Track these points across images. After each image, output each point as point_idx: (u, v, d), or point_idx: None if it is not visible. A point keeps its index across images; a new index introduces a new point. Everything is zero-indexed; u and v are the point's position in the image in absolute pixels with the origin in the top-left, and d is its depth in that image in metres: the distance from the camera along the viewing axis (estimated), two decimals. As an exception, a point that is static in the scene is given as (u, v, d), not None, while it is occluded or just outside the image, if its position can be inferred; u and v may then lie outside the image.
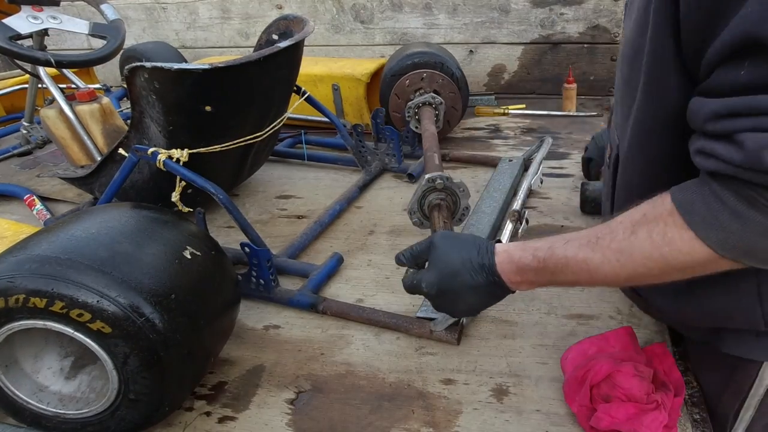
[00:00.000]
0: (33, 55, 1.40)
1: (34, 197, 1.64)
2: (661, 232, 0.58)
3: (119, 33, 1.53)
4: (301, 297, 1.13)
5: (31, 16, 1.48)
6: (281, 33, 1.59)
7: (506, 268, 0.73)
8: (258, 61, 1.19)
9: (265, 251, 1.12)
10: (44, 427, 0.86)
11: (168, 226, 0.92)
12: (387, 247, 1.35)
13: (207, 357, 0.89)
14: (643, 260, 0.61)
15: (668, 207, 0.58)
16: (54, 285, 0.74)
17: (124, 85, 1.84)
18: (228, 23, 2.70)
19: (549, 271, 0.69)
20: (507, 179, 1.50)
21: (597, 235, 0.65)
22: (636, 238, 0.60)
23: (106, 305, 0.74)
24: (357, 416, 0.88)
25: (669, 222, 0.58)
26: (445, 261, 0.77)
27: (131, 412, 0.81)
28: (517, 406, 0.87)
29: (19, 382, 0.86)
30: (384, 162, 1.75)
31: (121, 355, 0.77)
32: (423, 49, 1.90)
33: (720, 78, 0.53)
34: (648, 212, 0.61)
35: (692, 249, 0.57)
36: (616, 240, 0.62)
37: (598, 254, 0.63)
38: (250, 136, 1.34)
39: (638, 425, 0.74)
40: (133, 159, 1.23)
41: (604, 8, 2.18)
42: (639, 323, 1.00)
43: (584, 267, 0.65)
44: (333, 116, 1.70)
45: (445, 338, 1.00)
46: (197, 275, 0.87)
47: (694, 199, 0.57)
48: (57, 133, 1.70)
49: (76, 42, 3.02)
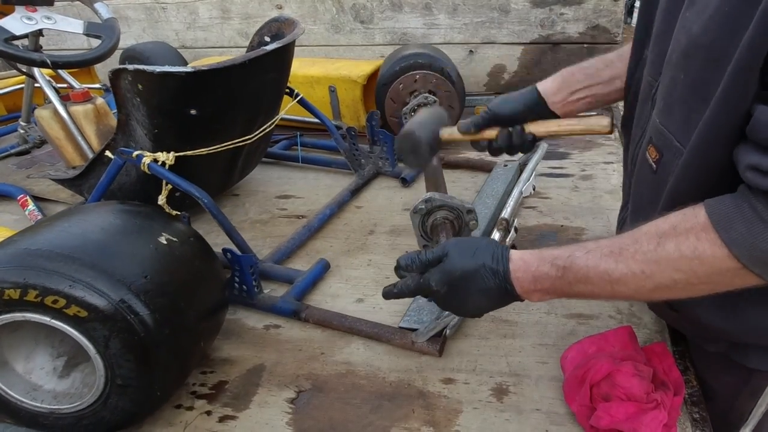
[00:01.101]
0: (29, 57, 1.39)
1: (27, 197, 1.64)
2: (691, 246, 0.58)
3: (114, 32, 1.52)
4: (284, 304, 1.12)
5: (26, 16, 1.47)
6: (273, 35, 1.58)
7: (521, 276, 0.71)
8: (243, 64, 1.18)
9: (248, 257, 1.10)
10: (41, 425, 0.86)
11: (142, 216, 0.95)
12: (387, 247, 1.35)
13: (193, 339, 0.89)
14: (670, 273, 0.60)
15: (702, 221, 0.58)
16: (25, 275, 0.75)
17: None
18: (228, 23, 2.70)
19: (567, 281, 0.67)
20: (501, 185, 1.49)
21: (620, 245, 0.63)
22: (663, 250, 0.60)
23: (79, 289, 0.76)
24: (357, 415, 0.88)
25: (702, 237, 0.57)
26: (458, 264, 0.74)
27: (122, 399, 0.82)
28: (517, 405, 0.87)
29: (11, 383, 0.86)
30: (378, 165, 1.74)
31: (101, 338, 0.78)
32: (414, 50, 1.89)
33: None
34: (678, 224, 0.60)
35: (723, 264, 0.57)
36: (641, 251, 0.61)
37: (622, 265, 0.62)
38: (238, 139, 1.33)
39: (638, 424, 0.74)
40: (119, 162, 1.22)
41: (604, 8, 2.18)
42: (639, 323, 1.00)
43: (606, 278, 0.64)
44: (325, 119, 1.70)
45: (427, 350, 0.98)
46: (175, 259, 0.89)
47: (732, 216, 0.56)
48: (51, 134, 1.70)
49: (76, 42, 3.01)
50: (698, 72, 0.60)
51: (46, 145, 2.08)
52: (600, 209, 1.41)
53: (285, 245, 1.33)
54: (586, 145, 1.82)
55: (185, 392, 0.96)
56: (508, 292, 0.72)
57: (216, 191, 1.56)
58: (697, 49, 0.59)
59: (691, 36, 0.60)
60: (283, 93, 1.54)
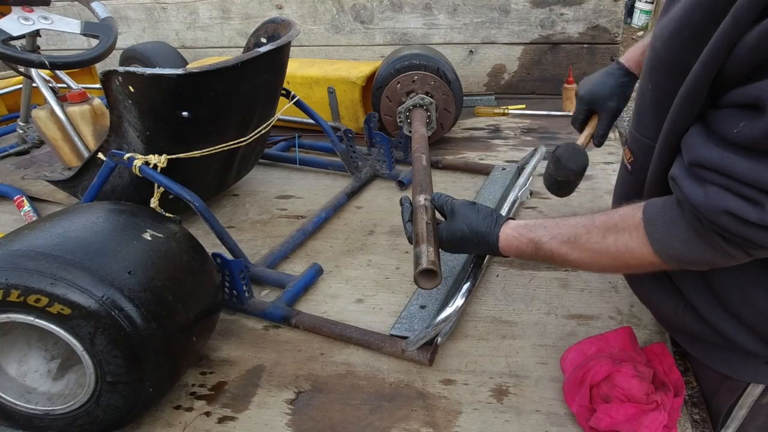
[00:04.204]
0: (27, 58, 1.39)
1: (24, 198, 1.64)
2: (625, 242, 0.70)
3: (111, 31, 1.51)
4: (275, 310, 1.11)
5: (22, 17, 1.46)
6: (269, 36, 1.57)
7: (505, 247, 0.86)
8: (236, 67, 1.17)
9: (238, 262, 1.09)
10: (37, 427, 0.86)
11: (127, 213, 0.95)
12: (387, 247, 1.35)
13: (184, 334, 0.88)
14: (609, 261, 0.73)
15: (637, 220, 0.69)
16: (7, 275, 0.76)
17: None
18: (228, 23, 2.70)
19: (539, 256, 0.82)
20: (498, 188, 1.48)
21: (576, 234, 0.76)
22: (605, 242, 0.72)
23: (61, 287, 0.76)
24: (357, 416, 0.88)
25: (633, 235, 0.69)
26: (459, 225, 0.90)
27: (114, 396, 0.82)
28: (517, 406, 0.87)
29: (4, 386, 0.86)
30: (375, 168, 1.73)
31: (86, 335, 0.78)
32: (415, 51, 1.88)
33: (722, 120, 0.57)
34: (620, 222, 0.71)
35: (648, 259, 0.68)
36: (590, 242, 0.74)
37: (576, 251, 0.76)
38: (233, 141, 1.32)
39: (638, 426, 0.74)
40: (110, 164, 1.22)
41: (604, 8, 2.18)
42: (639, 323, 1.00)
43: (565, 259, 0.78)
44: (322, 120, 1.69)
45: (418, 358, 0.96)
46: (161, 254, 0.88)
47: (657, 217, 0.67)
48: (48, 134, 1.69)
49: (76, 42, 3.01)
50: (663, 83, 0.68)
51: (45, 146, 2.08)
52: (600, 209, 1.41)
53: (279, 249, 1.32)
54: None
55: (184, 393, 0.96)
56: (495, 251, 0.88)
57: (211, 193, 1.55)
58: (661, 64, 0.68)
59: (656, 51, 0.68)
60: (279, 95, 1.53)
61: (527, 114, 2.20)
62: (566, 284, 1.14)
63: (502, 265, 1.22)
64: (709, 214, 0.58)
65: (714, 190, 0.57)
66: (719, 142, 0.57)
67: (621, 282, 1.12)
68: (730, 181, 0.55)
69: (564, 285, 1.14)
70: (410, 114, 1.77)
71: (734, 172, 0.54)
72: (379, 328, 1.05)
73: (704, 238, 0.62)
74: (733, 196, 0.55)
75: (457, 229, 0.89)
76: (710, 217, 0.58)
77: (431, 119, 1.78)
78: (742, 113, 0.54)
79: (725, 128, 0.56)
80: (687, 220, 0.63)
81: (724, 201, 0.56)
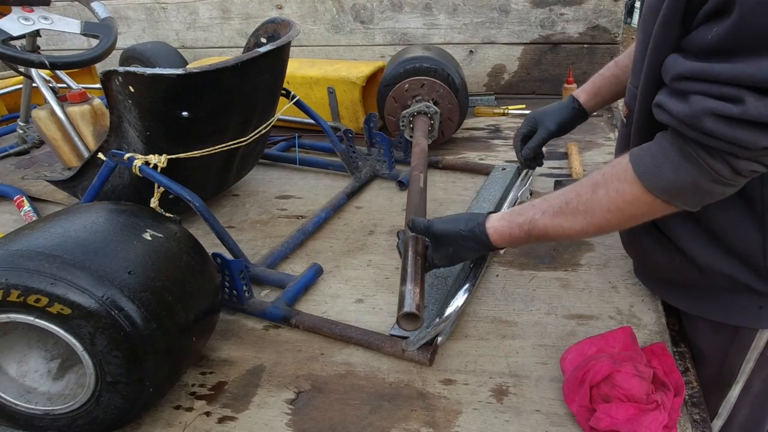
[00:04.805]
0: (28, 58, 1.39)
1: (24, 198, 1.63)
2: (615, 188, 0.70)
3: (111, 31, 1.51)
4: (275, 310, 1.11)
5: (23, 17, 1.46)
6: (269, 36, 1.56)
7: (497, 239, 0.86)
8: (235, 67, 1.17)
9: (238, 262, 1.09)
10: (37, 427, 0.86)
11: (127, 213, 0.95)
12: (387, 247, 1.34)
13: (184, 334, 0.88)
14: (603, 214, 0.72)
15: (624, 164, 0.69)
16: (7, 275, 0.76)
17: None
18: (228, 23, 2.70)
19: (532, 238, 0.82)
20: (498, 189, 1.48)
21: (566, 200, 0.76)
22: (596, 196, 0.72)
23: (61, 287, 0.76)
24: (357, 416, 0.88)
25: (622, 178, 0.69)
26: (444, 239, 0.92)
27: (114, 396, 0.82)
28: (517, 406, 0.87)
29: (4, 387, 0.86)
30: (375, 168, 1.73)
31: (86, 335, 0.78)
32: (427, 53, 1.85)
33: (697, 36, 0.60)
34: (607, 172, 0.72)
35: (640, 198, 0.68)
36: (581, 202, 0.74)
37: (569, 217, 0.76)
38: (233, 141, 1.32)
39: (638, 426, 0.74)
40: (110, 164, 1.21)
41: (604, 8, 2.18)
42: (639, 323, 1.00)
43: (560, 230, 0.78)
44: (322, 120, 1.69)
45: (418, 358, 0.96)
46: (161, 254, 0.89)
47: (643, 154, 0.68)
48: (48, 134, 1.69)
49: (76, 42, 3.01)
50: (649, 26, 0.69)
51: (45, 146, 2.08)
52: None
53: (279, 249, 1.32)
54: (586, 145, 1.82)
55: (184, 393, 0.96)
56: (487, 248, 0.89)
57: (211, 193, 1.55)
58: (648, 9, 0.69)
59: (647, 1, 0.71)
60: (279, 95, 1.53)
61: (527, 114, 2.20)
62: (566, 284, 1.14)
63: (502, 265, 1.22)
64: (694, 122, 0.59)
65: (696, 98, 0.59)
66: (696, 56, 0.60)
67: (621, 282, 1.12)
68: (710, 84, 0.57)
69: (564, 285, 1.14)
70: (414, 120, 1.75)
71: (712, 74, 0.56)
72: (379, 328, 1.05)
73: (690, 158, 0.63)
74: (714, 99, 0.57)
75: (442, 243, 0.92)
76: (695, 125, 0.59)
77: (434, 128, 1.77)
78: (714, 23, 0.57)
79: (700, 42, 0.59)
80: (673, 143, 0.64)
81: (706, 103, 0.57)
